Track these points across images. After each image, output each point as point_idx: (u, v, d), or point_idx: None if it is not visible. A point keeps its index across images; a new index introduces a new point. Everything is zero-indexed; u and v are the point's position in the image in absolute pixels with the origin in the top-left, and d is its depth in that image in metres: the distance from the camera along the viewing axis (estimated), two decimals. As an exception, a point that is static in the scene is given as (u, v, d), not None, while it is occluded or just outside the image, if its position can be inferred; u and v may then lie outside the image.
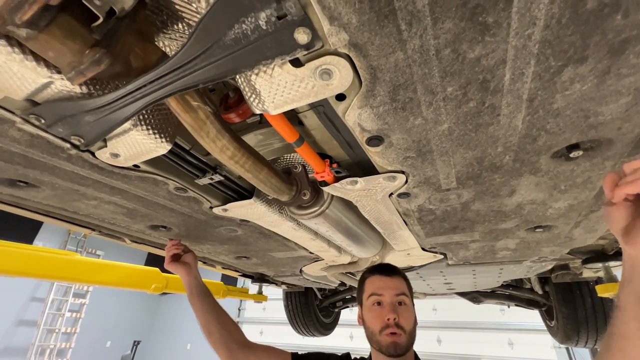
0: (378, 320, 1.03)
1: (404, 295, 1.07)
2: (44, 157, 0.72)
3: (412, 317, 1.05)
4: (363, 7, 0.37)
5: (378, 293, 1.07)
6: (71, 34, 0.43)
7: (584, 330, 2.11)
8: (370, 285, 1.11)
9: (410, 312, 1.06)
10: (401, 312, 1.03)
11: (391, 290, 1.06)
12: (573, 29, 0.39)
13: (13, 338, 6.94)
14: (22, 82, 0.52)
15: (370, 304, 1.08)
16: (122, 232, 1.34)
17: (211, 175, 0.88)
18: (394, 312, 1.02)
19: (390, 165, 0.75)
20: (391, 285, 1.07)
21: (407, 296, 1.07)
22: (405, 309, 1.05)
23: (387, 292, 1.06)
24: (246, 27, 0.41)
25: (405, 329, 1.01)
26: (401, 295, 1.06)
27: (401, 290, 1.07)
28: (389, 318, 1.01)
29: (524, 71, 0.46)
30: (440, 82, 0.49)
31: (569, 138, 0.63)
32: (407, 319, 1.03)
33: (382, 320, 1.02)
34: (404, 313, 1.03)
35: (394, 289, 1.06)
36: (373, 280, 1.12)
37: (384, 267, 1.16)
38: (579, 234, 1.18)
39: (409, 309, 1.06)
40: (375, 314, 1.04)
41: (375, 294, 1.07)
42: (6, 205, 1.03)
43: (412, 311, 1.07)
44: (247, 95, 0.56)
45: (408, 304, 1.07)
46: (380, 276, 1.11)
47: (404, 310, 1.04)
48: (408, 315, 1.04)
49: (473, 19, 0.38)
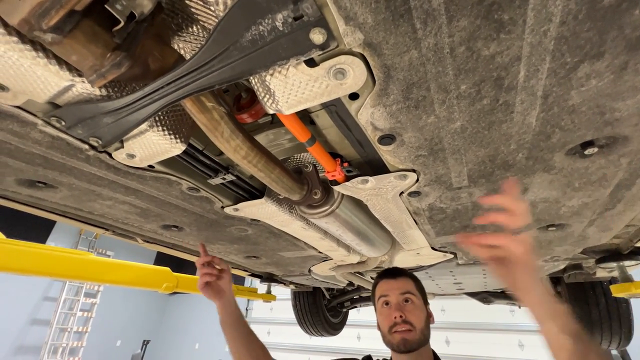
0: (387, 320, 1.06)
1: (410, 294, 1.10)
2: (63, 158, 0.74)
3: (421, 314, 1.07)
4: (379, 6, 0.37)
5: (385, 294, 1.12)
6: (94, 38, 0.45)
7: (598, 331, 2.07)
8: (379, 289, 1.16)
9: (419, 309, 1.08)
10: (408, 309, 1.06)
11: (396, 290, 1.10)
12: (590, 24, 0.39)
13: (27, 337, 7.09)
14: (45, 86, 0.54)
15: (380, 306, 1.13)
16: (134, 232, 1.36)
17: (223, 175, 0.89)
18: (399, 309, 1.05)
19: (402, 164, 0.75)
20: (396, 285, 1.12)
21: (413, 294, 1.10)
22: (413, 306, 1.07)
23: (393, 292, 1.10)
24: (263, 29, 0.41)
25: (414, 325, 1.03)
26: (407, 294, 1.09)
27: (406, 289, 1.10)
28: (395, 316, 1.04)
29: (539, 68, 0.46)
30: (454, 80, 0.49)
31: (583, 135, 0.62)
32: (416, 315, 1.05)
33: (390, 319, 1.05)
34: (411, 310, 1.06)
35: (399, 288, 1.10)
36: (381, 284, 1.17)
37: (389, 271, 1.21)
38: (593, 232, 1.17)
39: (418, 306, 1.08)
40: (384, 314, 1.09)
41: (383, 295, 1.12)
42: (25, 205, 1.07)
43: (421, 308, 1.09)
44: (261, 95, 0.57)
45: (416, 302, 1.09)
46: (386, 279, 1.16)
47: (411, 307, 1.07)
48: (417, 312, 1.06)
49: (488, 17, 0.38)
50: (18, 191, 0.94)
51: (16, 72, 0.51)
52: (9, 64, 0.49)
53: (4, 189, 0.92)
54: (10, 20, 0.41)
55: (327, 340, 7.22)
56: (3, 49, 0.46)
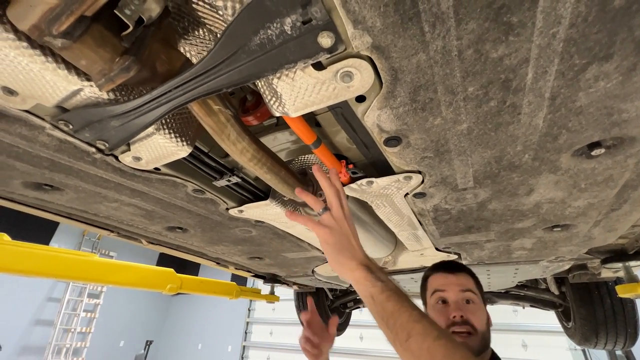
0: (442, 319, 0.95)
1: (471, 292, 0.98)
2: (70, 161, 0.75)
3: (483, 316, 0.96)
4: (388, 10, 0.38)
5: (441, 289, 1.00)
6: (103, 43, 0.45)
7: (603, 331, 2.06)
8: (433, 283, 1.05)
9: (480, 311, 0.97)
10: (470, 309, 0.95)
11: (455, 287, 0.98)
12: (599, 26, 0.39)
13: (31, 337, 7.13)
14: (54, 90, 0.54)
15: (434, 302, 1.01)
16: (139, 233, 1.37)
17: (229, 177, 0.89)
18: (459, 309, 0.94)
19: (408, 166, 0.75)
20: (456, 281, 1.00)
21: (474, 293, 0.99)
22: (475, 308, 0.96)
23: (452, 288, 0.99)
24: (271, 33, 0.42)
25: (476, 328, 0.92)
26: (467, 292, 0.98)
27: (467, 287, 0.99)
28: (455, 316, 0.93)
29: (547, 69, 0.46)
30: (461, 82, 0.49)
31: (590, 136, 0.62)
32: (477, 317, 0.94)
33: (446, 318, 0.95)
34: (473, 311, 0.95)
35: (459, 285, 0.99)
36: (436, 277, 1.05)
37: (447, 264, 1.09)
38: (599, 233, 1.16)
39: (479, 307, 0.97)
40: (440, 312, 0.98)
41: (439, 290, 1.01)
42: (31, 208, 1.07)
43: (482, 310, 0.98)
44: (267, 98, 0.57)
45: (477, 302, 0.98)
46: (443, 273, 1.04)
47: (473, 308, 0.96)
48: (478, 313, 0.95)
49: (497, 19, 0.38)
50: (25, 194, 0.94)
51: (25, 76, 0.51)
52: (18, 69, 0.49)
53: (11, 191, 0.93)
54: (21, 25, 0.41)
55: (330, 340, 7.21)
56: (13, 54, 0.46)
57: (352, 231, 0.70)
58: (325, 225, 0.70)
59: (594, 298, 2.05)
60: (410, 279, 2.02)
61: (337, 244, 0.69)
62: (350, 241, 0.69)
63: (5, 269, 1.39)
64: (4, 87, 0.53)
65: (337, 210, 0.70)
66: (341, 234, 0.69)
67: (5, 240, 1.42)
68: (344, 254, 0.68)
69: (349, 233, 0.69)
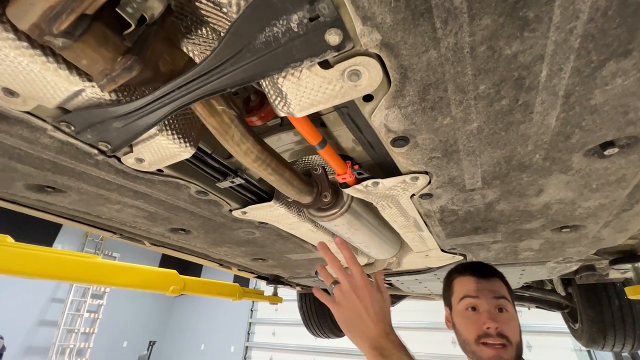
0: (473, 328, 0.89)
1: (505, 299, 0.91)
2: (72, 163, 0.74)
3: (516, 325, 0.89)
4: (399, 5, 0.36)
5: (472, 295, 0.92)
6: (104, 42, 0.44)
7: (611, 333, 2.03)
8: (462, 287, 0.96)
9: (514, 320, 0.90)
10: (504, 320, 0.88)
11: (488, 294, 0.91)
12: (619, 21, 0.38)
13: (35, 338, 7.17)
14: (55, 91, 0.53)
15: (462, 309, 0.94)
16: (142, 235, 1.36)
17: (232, 178, 0.88)
18: (494, 320, 0.87)
19: (415, 166, 0.73)
20: (488, 287, 0.92)
21: (508, 301, 0.91)
22: (509, 317, 0.89)
23: (484, 295, 0.91)
24: (277, 30, 0.40)
25: (511, 340, 0.85)
26: (501, 299, 0.91)
27: (500, 294, 0.91)
28: (489, 327, 0.86)
29: (563, 67, 0.45)
30: (472, 80, 0.47)
31: (604, 135, 0.60)
32: (512, 328, 0.87)
33: (478, 327, 0.88)
34: (507, 322, 0.88)
35: (492, 292, 0.91)
36: (465, 281, 0.97)
37: (478, 267, 1.00)
38: (609, 233, 1.14)
39: (512, 316, 0.90)
40: (470, 320, 0.91)
41: (469, 296, 0.93)
42: (34, 210, 1.06)
43: (516, 320, 0.91)
44: (272, 98, 0.56)
45: (510, 311, 0.91)
46: (474, 277, 0.97)
47: (507, 318, 0.89)
48: (512, 323, 0.88)
49: (513, 14, 0.37)
50: (27, 196, 0.94)
51: (26, 77, 0.50)
52: (19, 70, 0.48)
53: (13, 193, 0.92)
54: (21, 25, 0.40)
55: (332, 341, 7.19)
56: (13, 54, 0.45)
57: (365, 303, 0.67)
58: (335, 302, 0.70)
59: (602, 299, 2.03)
60: (415, 280, 2.00)
61: (347, 321, 0.68)
62: (360, 317, 0.67)
63: (9, 271, 1.38)
64: (4, 88, 0.52)
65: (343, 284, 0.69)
66: (350, 310, 0.68)
67: (8, 242, 1.42)
68: (355, 333, 0.67)
69: (358, 307, 0.67)
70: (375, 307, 0.67)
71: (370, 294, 0.68)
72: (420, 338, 6.77)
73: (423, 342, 6.69)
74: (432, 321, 6.71)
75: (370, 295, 0.68)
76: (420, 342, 6.68)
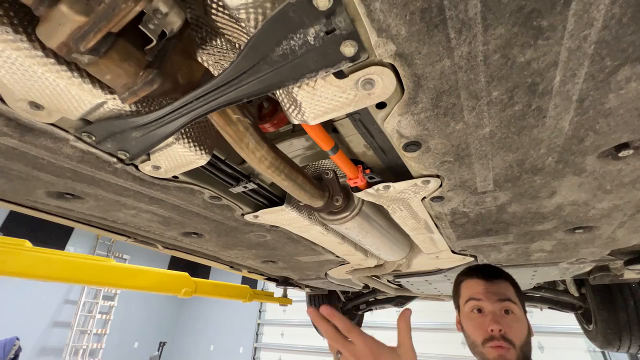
0: (480, 331, 0.89)
1: (510, 302, 0.91)
2: (92, 171, 0.76)
3: (523, 328, 0.89)
4: (414, 18, 0.37)
5: (477, 298, 0.94)
6: (127, 57, 0.45)
7: (627, 334, 2.00)
8: (468, 289, 0.98)
9: (521, 323, 0.90)
10: (508, 322, 0.88)
11: (493, 296, 0.92)
12: (634, 27, 0.38)
13: (49, 338, 7.32)
14: (79, 103, 0.55)
15: (468, 311, 0.95)
16: (155, 239, 1.39)
17: (245, 183, 0.90)
18: (497, 322, 0.87)
19: (426, 170, 0.74)
20: (493, 290, 0.93)
21: (514, 303, 0.91)
22: (514, 319, 0.89)
23: (489, 298, 0.92)
24: (294, 43, 0.41)
25: (514, 343, 0.85)
26: (506, 302, 0.91)
27: (506, 296, 0.92)
28: (493, 329, 0.87)
29: (576, 72, 0.45)
30: (485, 87, 0.48)
31: (619, 137, 0.60)
32: (516, 331, 0.87)
33: (484, 330, 0.89)
34: (512, 324, 0.88)
35: (497, 294, 0.92)
36: (471, 283, 0.99)
37: (484, 269, 1.01)
38: (623, 234, 1.13)
39: (518, 318, 0.90)
40: (476, 322, 0.92)
41: (474, 298, 0.94)
42: (52, 215, 1.10)
43: (523, 321, 0.91)
44: (286, 106, 0.57)
45: (517, 313, 0.91)
46: (479, 280, 0.97)
47: (511, 320, 0.89)
48: (518, 326, 0.88)
49: (527, 24, 0.37)
50: (47, 202, 0.97)
51: (52, 91, 0.52)
52: (45, 85, 0.51)
53: (34, 200, 0.95)
54: (50, 43, 0.42)
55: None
56: (41, 70, 0.47)
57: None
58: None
59: (617, 300, 1.99)
60: (425, 281, 2.00)
61: None
62: None
63: (28, 274, 1.43)
64: (31, 102, 0.55)
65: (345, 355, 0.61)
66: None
67: (26, 246, 1.46)
68: None
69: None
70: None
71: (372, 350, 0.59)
72: (431, 339, 6.73)
73: (434, 343, 6.65)
74: (443, 322, 6.66)
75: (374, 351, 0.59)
76: (431, 343, 6.64)
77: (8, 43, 0.44)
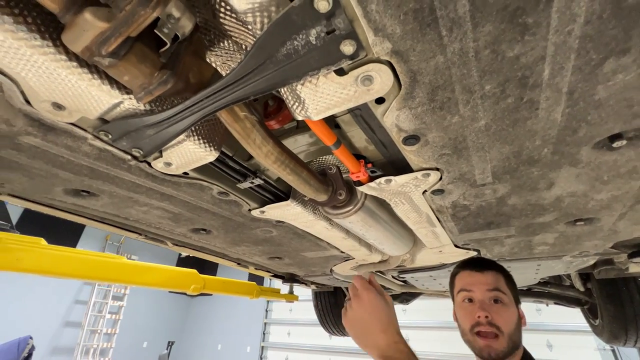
0: (468, 318, 0.96)
1: (499, 291, 0.96)
2: (107, 169, 0.81)
3: (511, 316, 0.94)
4: (407, 18, 0.40)
5: (467, 289, 1.00)
6: (144, 60, 0.49)
7: (633, 328, 1.99)
8: (460, 281, 1.04)
9: (510, 311, 0.95)
10: (496, 310, 0.93)
11: (482, 286, 0.97)
12: (615, 23, 0.40)
13: (61, 338, 7.47)
14: (98, 103, 0.59)
15: (460, 301, 1.02)
16: (165, 235, 1.43)
17: (252, 179, 0.93)
18: (484, 309, 0.93)
19: (426, 163, 0.77)
20: (483, 280, 0.99)
21: (503, 293, 0.97)
22: (503, 308, 0.94)
23: (478, 287, 0.98)
24: (297, 43, 0.45)
25: (502, 330, 0.90)
26: (495, 291, 0.96)
27: (495, 286, 0.97)
28: (479, 315, 0.93)
29: (564, 65, 0.47)
30: (478, 81, 0.51)
31: (611, 128, 0.62)
32: (504, 319, 0.92)
33: (472, 317, 0.95)
34: (500, 312, 0.93)
35: (486, 284, 0.97)
36: (463, 275, 1.05)
37: (474, 261, 1.07)
38: (624, 226, 1.14)
39: (508, 307, 0.95)
40: (466, 311, 0.98)
41: (465, 289, 1.01)
42: (68, 213, 1.15)
43: (512, 310, 0.96)
44: (290, 103, 0.60)
45: (506, 302, 0.96)
46: (470, 271, 1.04)
47: (500, 308, 0.94)
48: (506, 314, 0.93)
49: (513, 21, 0.40)
50: (64, 200, 1.01)
51: (73, 92, 0.56)
52: (68, 86, 0.55)
53: (52, 198, 1.00)
54: (74, 48, 0.46)
55: (347, 341, 7.17)
56: (65, 73, 0.51)
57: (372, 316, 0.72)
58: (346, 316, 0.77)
59: (622, 294, 1.99)
60: (429, 277, 2.02)
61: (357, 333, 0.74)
62: (369, 329, 0.72)
63: (44, 271, 1.48)
64: (54, 103, 0.59)
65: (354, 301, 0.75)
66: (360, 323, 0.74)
67: (42, 244, 1.51)
68: (365, 343, 0.73)
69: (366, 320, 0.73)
70: (381, 316, 0.72)
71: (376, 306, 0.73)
72: (433, 338, 6.70)
73: (435, 341, 6.62)
74: (445, 321, 6.64)
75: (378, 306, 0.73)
76: (433, 342, 6.61)
77: (36, 48, 0.48)
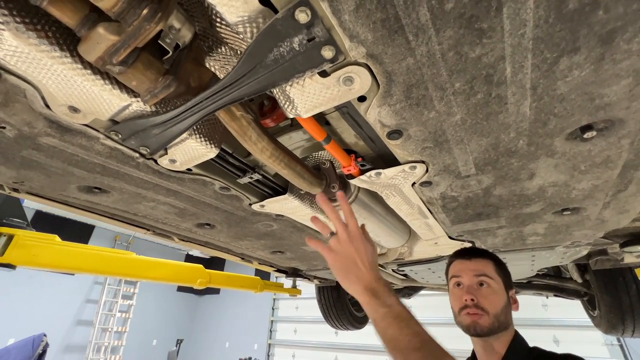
0: (457, 302, 1.04)
1: (486, 276, 1.04)
2: (118, 166, 0.88)
3: (497, 299, 1.01)
4: (376, 26, 0.46)
5: (457, 275, 1.08)
6: (149, 67, 0.56)
7: (630, 318, 2.02)
8: (452, 268, 1.13)
9: (496, 294, 1.02)
10: (482, 293, 1.01)
11: (470, 272, 1.06)
12: (561, 26, 0.46)
13: (73, 336, 7.67)
14: (109, 106, 0.66)
15: (451, 286, 1.10)
16: (172, 231, 1.51)
17: (251, 174, 1.00)
18: (470, 293, 1.01)
19: (411, 156, 0.82)
20: (471, 267, 1.07)
21: (490, 277, 1.04)
22: (488, 291, 1.02)
23: (466, 273, 1.06)
24: (283, 50, 0.51)
25: (487, 310, 0.98)
26: (481, 277, 1.04)
27: (482, 272, 1.05)
28: (466, 298, 1.01)
29: (523, 64, 0.53)
30: (448, 79, 0.56)
31: (579, 120, 0.67)
32: (490, 301, 1.00)
33: (460, 300, 1.03)
34: (486, 295, 1.01)
35: (473, 270, 1.05)
36: (455, 264, 1.13)
37: (465, 250, 1.16)
38: (611, 215, 1.18)
39: (494, 290, 1.02)
40: (455, 295, 1.07)
41: (455, 275, 1.09)
42: (81, 210, 1.23)
43: (499, 293, 1.03)
44: (282, 102, 0.66)
45: (492, 286, 1.03)
46: (461, 259, 1.12)
47: (486, 291, 1.02)
48: (492, 297, 1.01)
49: (470, 27, 0.46)
50: (78, 197, 1.09)
51: (87, 97, 0.63)
52: (83, 91, 0.62)
53: (67, 195, 1.08)
54: (89, 57, 0.52)
55: (353, 337, 7.22)
56: (80, 80, 0.58)
57: (360, 252, 0.74)
58: (332, 250, 0.76)
59: (619, 284, 2.02)
60: (428, 270, 2.07)
61: (342, 267, 0.74)
62: (355, 264, 0.73)
63: (59, 266, 1.57)
64: (70, 107, 0.66)
65: (341, 234, 0.75)
66: (346, 257, 0.74)
67: (57, 241, 1.60)
68: (349, 278, 0.73)
69: (353, 255, 0.73)
70: (369, 257, 0.75)
71: (364, 244, 0.75)
72: (441, 334, 6.71)
73: (444, 338, 6.63)
74: (448, 317, 6.64)
75: (364, 245, 0.75)
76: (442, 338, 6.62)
77: (55, 59, 0.55)
